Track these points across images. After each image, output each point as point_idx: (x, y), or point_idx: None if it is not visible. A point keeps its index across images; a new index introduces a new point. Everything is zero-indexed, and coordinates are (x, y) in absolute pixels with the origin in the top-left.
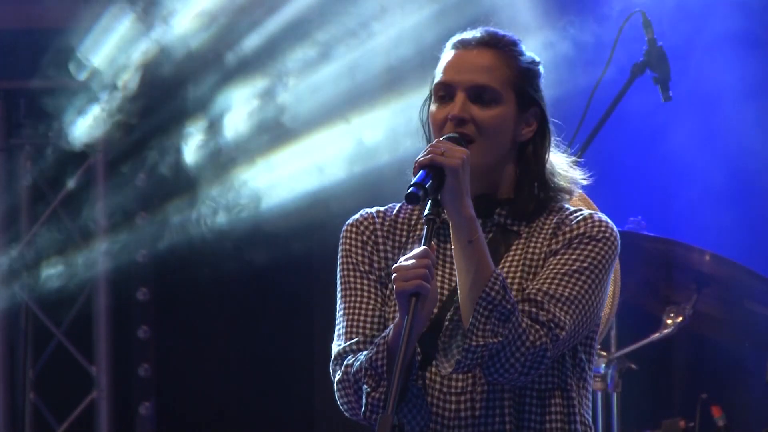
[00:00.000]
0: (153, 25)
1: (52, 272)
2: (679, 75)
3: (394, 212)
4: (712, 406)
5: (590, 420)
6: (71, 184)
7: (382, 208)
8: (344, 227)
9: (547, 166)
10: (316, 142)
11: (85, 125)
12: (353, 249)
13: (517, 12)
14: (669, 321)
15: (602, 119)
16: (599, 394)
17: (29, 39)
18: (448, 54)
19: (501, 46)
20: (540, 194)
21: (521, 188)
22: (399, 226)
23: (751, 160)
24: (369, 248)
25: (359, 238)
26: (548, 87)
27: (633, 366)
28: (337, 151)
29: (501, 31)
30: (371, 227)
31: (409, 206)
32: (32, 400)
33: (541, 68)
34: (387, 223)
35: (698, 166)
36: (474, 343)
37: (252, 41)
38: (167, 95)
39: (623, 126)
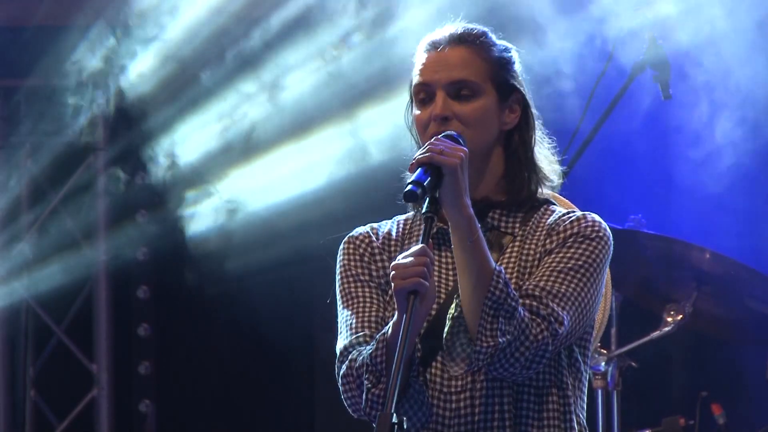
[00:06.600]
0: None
1: (52, 270)
2: (679, 73)
3: (386, 228)
4: (712, 404)
5: (584, 421)
6: (71, 182)
7: (375, 225)
8: (342, 243)
9: (535, 152)
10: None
11: (85, 123)
12: (352, 262)
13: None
14: (669, 319)
15: (602, 117)
16: (599, 392)
17: (29, 37)
18: (421, 57)
19: (471, 40)
20: (530, 181)
21: (512, 177)
22: (393, 240)
23: (750, 157)
24: (366, 259)
25: (357, 251)
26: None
27: (633, 364)
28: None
29: (469, 26)
30: (367, 240)
31: (401, 221)
32: (32, 397)
33: (515, 54)
34: (381, 238)
35: (698, 163)
36: (485, 345)
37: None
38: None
39: (623, 124)
